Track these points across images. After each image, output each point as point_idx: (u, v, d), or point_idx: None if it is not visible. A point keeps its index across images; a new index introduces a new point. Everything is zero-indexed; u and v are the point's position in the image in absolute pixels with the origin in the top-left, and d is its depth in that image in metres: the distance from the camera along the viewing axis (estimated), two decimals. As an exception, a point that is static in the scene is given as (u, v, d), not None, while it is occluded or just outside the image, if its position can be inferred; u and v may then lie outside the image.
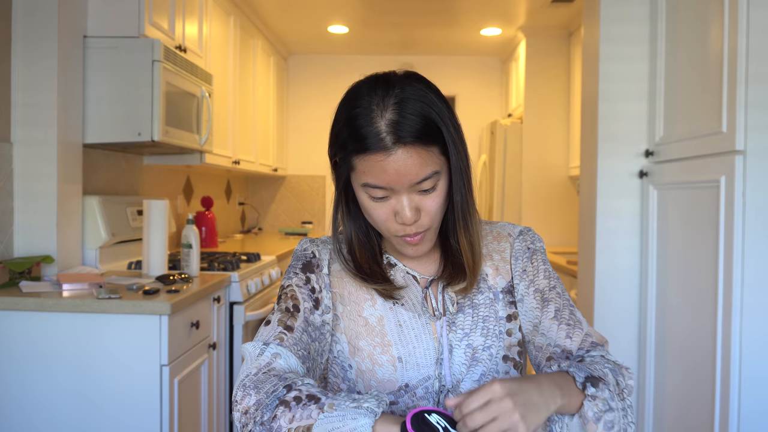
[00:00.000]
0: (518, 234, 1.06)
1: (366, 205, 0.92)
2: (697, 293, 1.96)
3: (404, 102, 0.86)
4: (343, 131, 0.88)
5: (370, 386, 0.97)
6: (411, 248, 0.94)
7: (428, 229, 0.93)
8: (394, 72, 0.91)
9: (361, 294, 1.00)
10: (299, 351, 0.93)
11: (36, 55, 2.22)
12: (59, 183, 2.24)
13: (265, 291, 2.98)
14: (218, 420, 2.48)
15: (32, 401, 1.90)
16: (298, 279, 1.00)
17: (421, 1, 3.87)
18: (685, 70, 2.10)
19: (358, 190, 0.92)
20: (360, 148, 0.86)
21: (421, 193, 0.89)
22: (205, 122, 2.93)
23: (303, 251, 1.04)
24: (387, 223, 0.91)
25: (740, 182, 1.73)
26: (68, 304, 1.90)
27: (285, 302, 0.98)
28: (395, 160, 0.85)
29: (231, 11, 3.68)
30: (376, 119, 0.85)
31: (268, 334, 0.93)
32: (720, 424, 1.80)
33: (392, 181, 0.86)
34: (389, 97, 0.86)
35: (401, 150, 0.85)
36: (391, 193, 0.89)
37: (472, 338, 0.97)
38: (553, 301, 1.00)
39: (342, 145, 0.89)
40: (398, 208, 0.89)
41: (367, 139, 0.85)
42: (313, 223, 5.42)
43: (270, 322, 0.96)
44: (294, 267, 1.02)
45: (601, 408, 0.83)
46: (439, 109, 0.88)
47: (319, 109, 5.34)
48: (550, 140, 4.36)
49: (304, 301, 0.98)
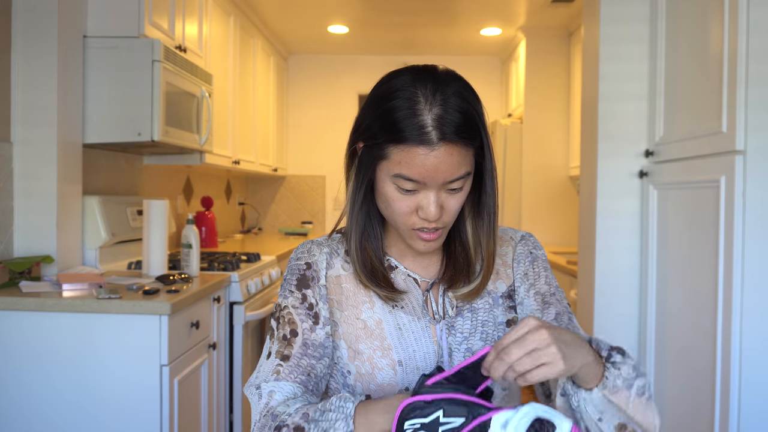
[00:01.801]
0: (520, 239, 1.05)
1: (390, 195, 0.89)
2: (697, 293, 1.96)
3: (451, 98, 0.84)
4: (382, 118, 0.86)
5: (370, 390, 0.96)
6: (423, 244, 0.92)
7: (445, 227, 0.92)
8: (435, 66, 0.90)
9: (359, 297, 0.99)
10: (298, 377, 0.93)
11: (36, 54, 2.22)
12: (59, 183, 2.24)
13: (265, 291, 2.97)
14: (218, 420, 2.48)
15: (31, 401, 1.90)
16: (294, 299, 0.98)
17: (421, 1, 3.87)
18: (685, 70, 2.10)
19: (384, 180, 0.89)
20: (401, 139, 0.84)
21: (449, 192, 0.88)
22: (205, 122, 2.93)
23: (297, 262, 1.01)
24: (407, 216, 0.90)
25: (740, 182, 1.73)
26: (68, 304, 1.89)
27: (282, 329, 0.97)
28: (437, 156, 0.83)
29: (231, 11, 3.68)
30: (423, 112, 0.83)
31: (266, 371, 0.94)
32: (720, 424, 1.80)
33: (428, 176, 0.85)
34: (438, 92, 0.84)
35: (444, 147, 0.83)
36: (421, 188, 0.87)
37: (471, 342, 0.96)
38: (553, 305, 0.99)
39: (377, 132, 0.87)
40: (424, 203, 0.88)
41: (409, 131, 0.83)
42: (313, 223, 5.42)
43: (270, 355, 0.95)
44: (289, 283, 1.00)
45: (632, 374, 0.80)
46: (479, 110, 0.87)
47: (319, 109, 5.34)
48: (550, 140, 4.36)
49: (302, 322, 0.96)
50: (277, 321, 0.98)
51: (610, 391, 0.79)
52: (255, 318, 2.67)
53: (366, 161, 0.91)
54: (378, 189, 0.92)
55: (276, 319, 0.99)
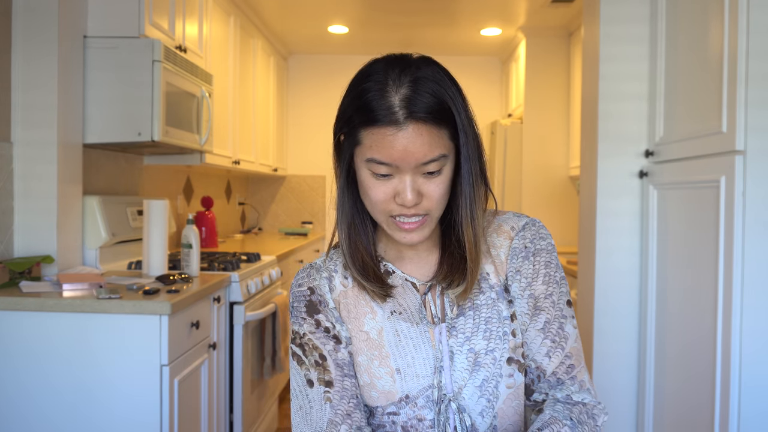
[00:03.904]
0: (521, 228, 0.98)
1: (366, 183, 0.88)
2: (697, 293, 1.96)
3: (420, 81, 0.84)
4: (354, 103, 0.86)
5: (371, 397, 0.95)
6: (404, 234, 0.90)
7: (428, 214, 0.89)
8: (410, 54, 0.90)
9: (361, 308, 0.97)
10: (350, 401, 0.93)
11: (36, 55, 2.22)
12: (59, 183, 2.24)
13: (265, 291, 2.98)
14: (218, 420, 2.48)
15: (30, 401, 1.90)
16: (309, 325, 0.97)
17: (421, 1, 3.87)
18: (685, 70, 2.10)
19: (360, 167, 0.88)
20: (369, 120, 0.84)
21: (426, 176, 0.86)
22: (205, 122, 2.93)
23: (299, 289, 1.00)
24: (385, 203, 0.88)
25: (740, 182, 1.73)
26: (68, 304, 1.90)
27: (311, 354, 0.96)
28: (405, 136, 0.83)
29: (231, 11, 3.68)
30: (390, 93, 0.83)
31: (317, 400, 0.94)
32: (720, 424, 1.80)
33: (399, 158, 0.84)
34: (405, 75, 0.85)
35: (412, 126, 0.83)
36: (395, 172, 0.86)
37: (473, 342, 0.94)
38: (545, 310, 0.95)
39: (350, 117, 0.87)
40: (400, 188, 0.86)
41: (377, 112, 0.83)
42: (313, 223, 5.42)
43: (312, 383, 0.94)
44: (298, 311, 0.99)
45: None
46: (453, 93, 0.86)
47: (319, 109, 5.34)
48: (550, 140, 4.36)
49: (324, 345, 0.96)
50: (302, 348, 0.97)
51: None
52: (255, 318, 2.67)
53: (346, 149, 0.90)
54: (358, 179, 0.91)
55: (299, 346, 0.97)
